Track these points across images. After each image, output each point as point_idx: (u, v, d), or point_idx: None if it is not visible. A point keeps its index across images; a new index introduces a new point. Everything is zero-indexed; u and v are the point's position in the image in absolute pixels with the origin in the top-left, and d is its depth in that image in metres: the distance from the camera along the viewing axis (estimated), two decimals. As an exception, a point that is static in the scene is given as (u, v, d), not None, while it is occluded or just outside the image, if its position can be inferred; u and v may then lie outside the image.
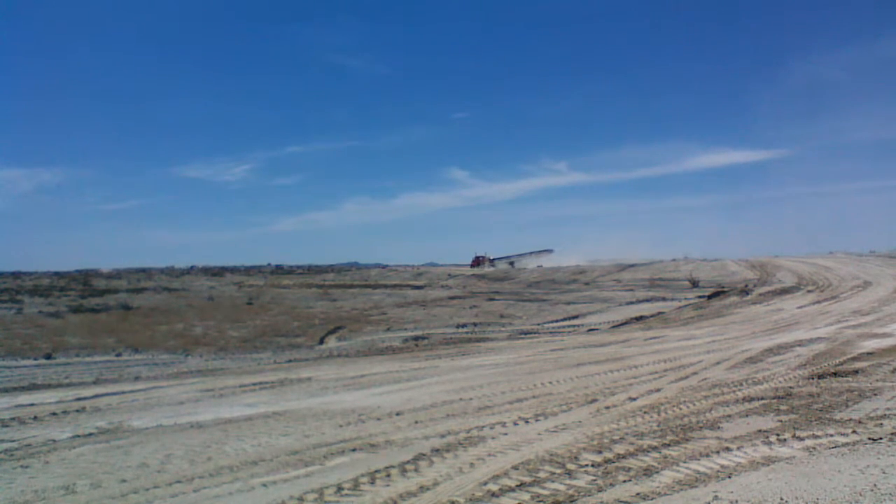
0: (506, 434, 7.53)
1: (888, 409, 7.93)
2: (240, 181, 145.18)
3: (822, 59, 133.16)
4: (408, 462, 6.52)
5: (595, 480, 5.78)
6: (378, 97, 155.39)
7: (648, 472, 5.95)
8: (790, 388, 9.48)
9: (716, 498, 5.23)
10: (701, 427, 7.46)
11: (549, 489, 5.61)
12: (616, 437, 7.12)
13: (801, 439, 6.78)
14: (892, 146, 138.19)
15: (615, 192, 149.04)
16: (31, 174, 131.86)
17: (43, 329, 21.38)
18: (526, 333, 20.34)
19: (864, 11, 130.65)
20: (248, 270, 61.29)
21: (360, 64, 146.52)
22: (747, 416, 7.96)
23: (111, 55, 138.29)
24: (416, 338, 19.62)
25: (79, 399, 10.54)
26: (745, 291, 29.07)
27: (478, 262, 64.60)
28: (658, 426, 7.58)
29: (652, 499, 5.32)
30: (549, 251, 69.29)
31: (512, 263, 63.64)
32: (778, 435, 6.95)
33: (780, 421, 7.60)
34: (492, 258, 65.67)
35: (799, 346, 13.75)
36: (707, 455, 6.37)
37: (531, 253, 69.04)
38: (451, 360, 14.09)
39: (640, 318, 22.97)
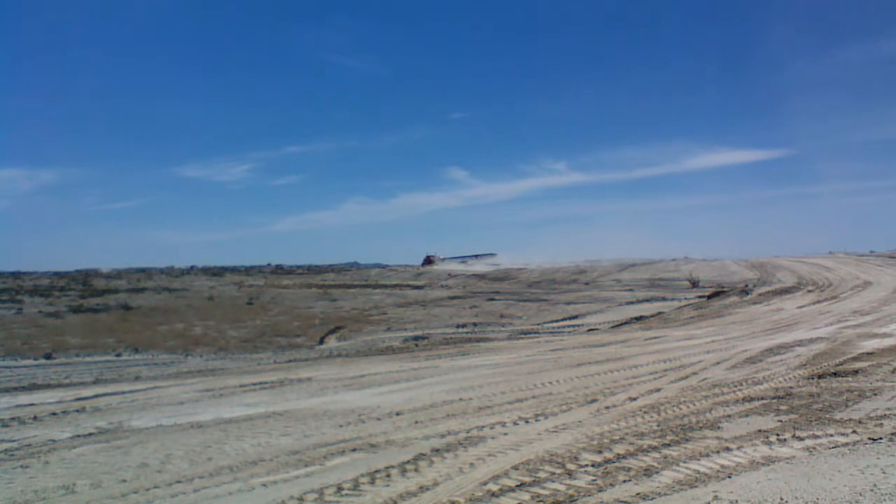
0: (506, 434, 7.53)
1: (888, 409, 7.93)
2: (240, 181, 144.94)
3: (823, 59, 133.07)
4: (408, 462, 6.52)
5: (595, 480, 5.78)
6: (378, 97, 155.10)
7: (648, 472, 5.95)
8: (790, 388, 9.48)
9: (716, 498, 5.23)
10: (701, 427, 7.46)
11: (549, 489, 5.61)
12: (616, 437, 7.12)
13: (801, 439, 6.78)
14: (892, 146, 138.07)
15: (615, 192, 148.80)
16: (31, 174, 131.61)
17: (43, 329, 21.38)
18: (526, 333, 20.34)
19: (864, 11, 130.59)
20: (248, 270, 61.33)
21: (359, 64, 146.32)
22: (747, 416, 7.96)
23: (111, 55, 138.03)
24: (416, 338, 19.61)
25: (79, 399, 10.54)
26: (744, 291, 29.07)
27: (429, 261, 71.80)
28: (658, 426, 7.58)
29: (652, 499, 5.32)
30: (493, 254, 74.76)
31: (463, 262, 70.19)
32: (778, 435, 6.95)
33: (780, 421, 7.60)
34: (442, 257, 73.40)
35: (799, 346, 13.75)
36: (707, 455, 6.37)
37: (477, 255, 74.97)
38: (451, 360, 14.09)
39: (639, 318, 22.96)
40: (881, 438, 6.64)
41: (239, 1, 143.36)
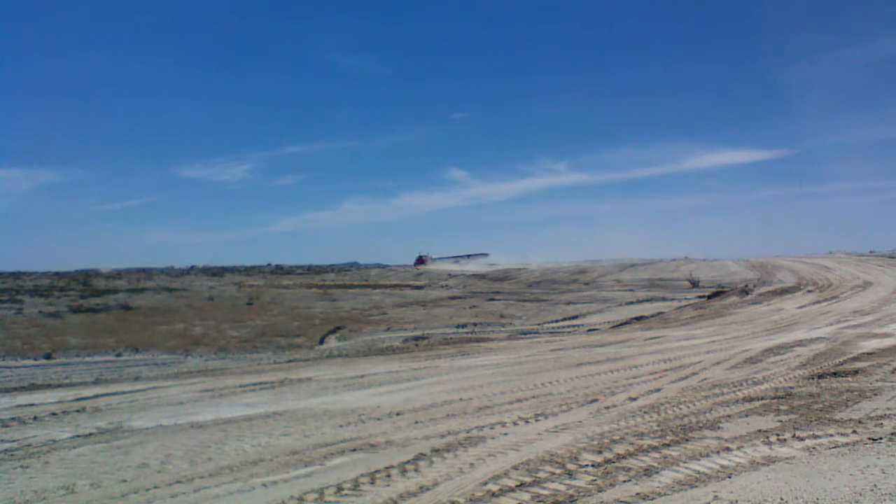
0: (506, 434, 7.53)
1: (888, 409, 7.93)
2: (240, 181, 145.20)
3: (823, 59, 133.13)
4: (408, 462, 6.52)
5: (595, 480, 5.78)
6: (378, 97, 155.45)
7: (648, 472, 5.96)
8: (790, 388, 9.49)
9: (716, 498, 5.23)
10: (701, 427, 7.46)
11: (549, 489, 5.61)
12: (616, 437, 7.12)
13: (801, 439, 6.78)
14: (892, 146, 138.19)
15: (615, 192, 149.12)
16: (31, 174, 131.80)
17: (43, 329, 21.38)
18: (526, 333, 20.34)
19: (864, 11, 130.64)
20: (248, 270, 61.35)
21: (359, 64, 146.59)
22: (747, 416, 7.96)
23: (111, 55, 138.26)
24: (416, 338, 19.61)
25: (79, 399, 10.54)
26: (745, 291, 29.08)
27: (421, 261, 73.00)
28: (658, 426, 7.58)
29: (652, 499, 5.32)
30: (485, 254, 75.96)
31: (456, 262, 71.66)
32: (778, 435, 6.95)
33: (780, 421, 7.60)
34: (434, 257, 75.02)
35: (799, 346, 13.75)
36: (707, 455, 6.37)
37: (469, 255, 76.30)
38: (451, 360, 14.09)
39: (639, 318, 22.97)
40: (881, 438, 6.64)
41: (239, 1, 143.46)
